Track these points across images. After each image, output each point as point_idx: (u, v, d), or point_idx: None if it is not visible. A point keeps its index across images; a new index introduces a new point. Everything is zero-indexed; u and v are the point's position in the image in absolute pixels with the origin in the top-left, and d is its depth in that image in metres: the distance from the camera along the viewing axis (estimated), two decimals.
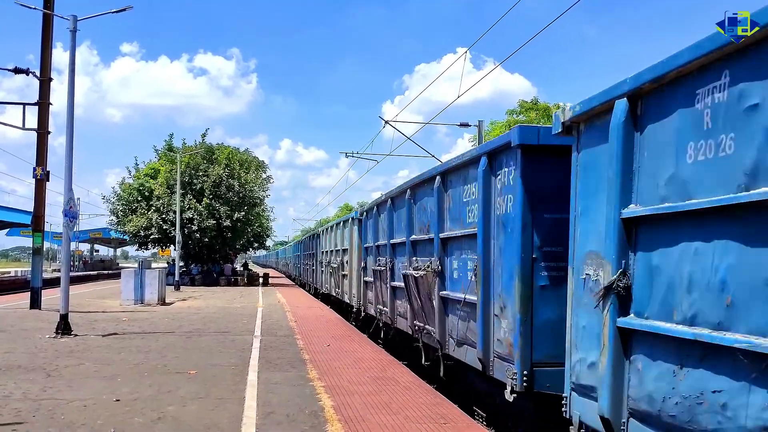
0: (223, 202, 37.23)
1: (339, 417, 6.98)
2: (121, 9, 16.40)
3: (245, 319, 17.95)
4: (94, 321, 16.85)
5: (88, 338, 13.42)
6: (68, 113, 14.90)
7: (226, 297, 27.81)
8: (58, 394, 7.99)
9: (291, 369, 9.98)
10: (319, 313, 20.34)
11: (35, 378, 8.99)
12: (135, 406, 7.34)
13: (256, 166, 41.81)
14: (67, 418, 6.78)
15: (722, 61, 3.53)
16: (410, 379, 9.39)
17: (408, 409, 7.47)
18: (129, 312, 19.70)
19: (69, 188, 14.88)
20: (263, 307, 22.59)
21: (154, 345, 12.42)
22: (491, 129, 36.26)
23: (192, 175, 37.35)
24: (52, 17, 19.82)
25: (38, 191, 20.81)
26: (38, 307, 19.76)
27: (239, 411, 7.18)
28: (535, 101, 37.44)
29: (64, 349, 11.78)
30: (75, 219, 15.51)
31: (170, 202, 36.13)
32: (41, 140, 20.51)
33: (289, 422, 6.76)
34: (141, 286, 22.46)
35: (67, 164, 14.86)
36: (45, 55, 20.70)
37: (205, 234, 36.63)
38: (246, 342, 13.02)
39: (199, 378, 9.15)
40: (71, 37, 15.09)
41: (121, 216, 38.98)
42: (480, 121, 25.13)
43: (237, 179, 38.12)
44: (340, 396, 8.07)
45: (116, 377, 9.11)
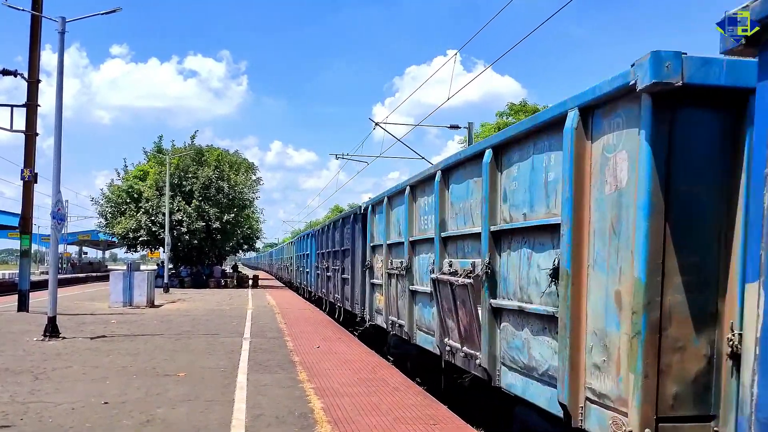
0: (212, 204, 37.13)
1: (328, 418, 7.00)
2: (111, 11, 16.37)
3: (235, 321, 17.91)
4: (83, 323, 16.75)
5: (76, 341, 13.34)
6: (56, 115, 14.84)
7: (216, 299, 27.72)
8: (46, 397, 7.95)
9: (280, 371, 9.99)
10: (309, 315, 20.32)
11: (23, 381, 8.94)
12: (123, 409, 7.32)
13: (245, 168, 41.73)
14: (55, 422, 6.76)
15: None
16: (400, 380, 9.42)
17: (398, 410, 7.49)
18: (117, 314, 19.59)
19: (57, 190, 14.81)
20: (253, 309, 22.54)
21: (142, 347, 12.38)
22: (481, 131, 36.40)
23: (181, 176, 37.23)
24: (40, 19, 19.72)
25: (26, 193, 20.68)
26: (26, 309, 19.63)
27: (228, 413, 7.18)
28: (524, 103, 37.61)
29: (52, 352, 11.71)
30: (63, 221, 15.44)
31: (159, 204, 35.97)
32: (29, 142, 20.40)
33: (278, 424, 6.77)
34: (130, 288, 22.35)
35: (55, 166, 14.79)
36: (33, 57, 20.60)
37: (195, 236, 36.51)
38: (235, 344, 12.99)
39: (188, 380, 9.13)
40: (59, 39, 15.03)
41: (109, 218, 38.77)
42: (470, 123, 25.21)
43: (226, 181, 38.04)
44: (329, 397, 8.08)
45: (105, 380, 9.08)
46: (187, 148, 39.11)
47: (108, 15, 16.62)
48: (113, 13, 16.37)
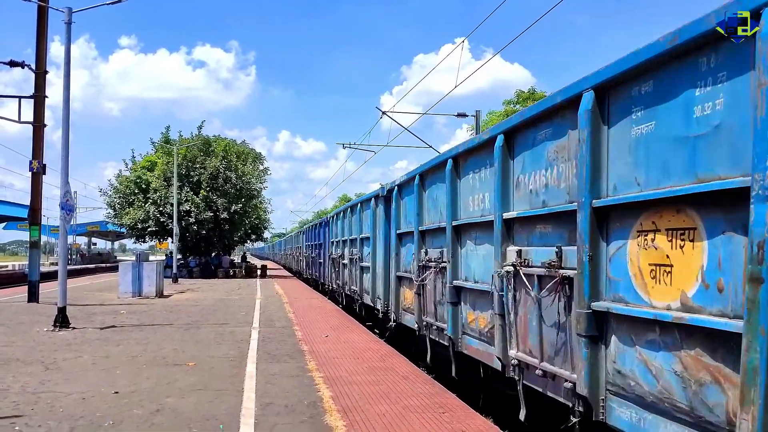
0: (220, 195, 37.18)
1: (338, 407, 6.99)
2: (116, 0, 16.30)
3: (243, 310, 17.96)
4: (92, 314, 16.84)
5: (86, 331, 13.41)
6: (64, 106, 14.85)
7: (224, 289, 27.81)
8: (56, 387, 7.99)
9: (289, 360, 9.99)
10: (317, 304, 20.35)
11: (33, 371, 8.99)
12: (133, 398, 7.35)
13: (253, 158, 41.73)
14: (65, 411, 6.78)
15: None
16: (409, 369, 9.40)
17: (407, 398, 7.48)
18: (127, 305, 19.69)
19: (65, 181, 14.84)
20: (261, 298, 22.60)
21: (152, 337, 12.43)
22: (489, 119, 36.23)
23: (189, 167, 37.30)
24: (47, 9, 19.69)
25: (34, 185, 20.77)
26: (36, 300, 19.77)
27: (238, 402, 7.19)
28: (532, 91, 37.38)
29: (62, 342, 11.78)
30: (72, 212, 15.48)
31: (167, 195, 36.04)
32: (37, 133, 20.45)
33: (287, 413, 6.77)
34: (139, 278, 22.45)
35: (64, 157, 14.82)
36: (40, 48, 20.62)
37: (203, 226, 36.60)
38: (244, 333, 13.02)
39: (197, 370, 9.15)
40: (66, 30, 15.00)
41: (118, 209, 38.92)
42: (477, 112, 25.15)
43: (234, 171, 38.06)
44: (338, 386, 8.08)
45: (114, 370, 9.11)
46: (194, 138, 39.14)
47: (116, 5, 16.57)
48: (119, 3, 16.30)
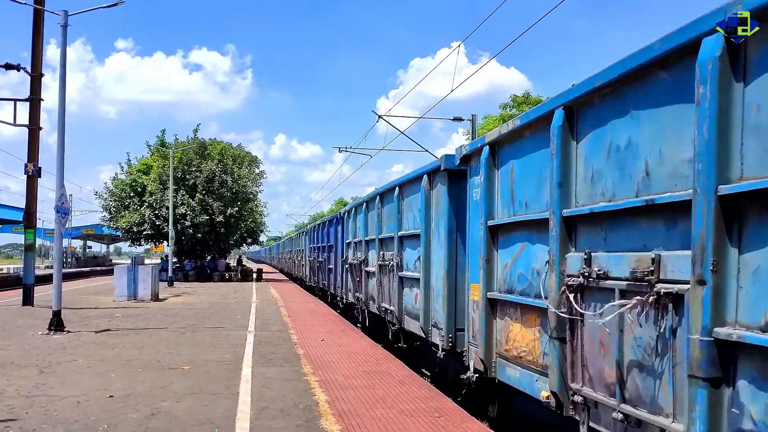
0: (216, 198, 37.16)
1: (333, 411, 6.99)
2: (113, 4, 16.30)
3: (239, 314, 17.94)
4: (87, 317, 16.79)
5: (81, 334, 13.37)
6: (59, 109, 14.83)
7: (220, 292, 27.76)
8: (51, 390, 7.96)
9: (285, 364, 9.99)
10: (312, 308, 20.34)
11: (28, 374, 8.96)
12: (128, 402, 7.33)
13: (249, 161, 41.74)
14: (60, 415, 6.77)
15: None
16: (404, 373, 9.41)
17: (402, 402, 7.49)
18: (122, 308, 19.64)
19: (61, 184, 14.81)
20: (257, 302, 22.57)
21: (147, 341, 12.40)
22: (485, 123, 36.28)
23: (185, 170, 37.26)
24: (42, 12, 19.66)
25: (30, 187, 20.71)
26: (31, 303, 19.68)
27: (233, 406, 7.18)
28: (527, 95, 37.44)
29: (57, 346, 11.74)
30: (67, 215, 15.45)
31: (163, 198, 36.01)
32: (33, 136, 20.39)
33: (283, 417, 6.76)
34: (134, 282, 22.41)
35: (59, 160, 14.78)
36: (36, 51, 20.57)
37: (198, 230, 36.56)
38: (240, 337, 13.01)
39: (193, 373, 9.14)
40: (62, 33, 14.99)
41: (113, 212, 38.86)
42: (473, 116, 25.20)
43: (230, 175, 38.05)
44: (334, 390, 8.08)
45: (109, 373, 9.09)
46: (190, 141, 39.12)
47: (112, 9, 16.57)
48: (115, 6, 16.31)
